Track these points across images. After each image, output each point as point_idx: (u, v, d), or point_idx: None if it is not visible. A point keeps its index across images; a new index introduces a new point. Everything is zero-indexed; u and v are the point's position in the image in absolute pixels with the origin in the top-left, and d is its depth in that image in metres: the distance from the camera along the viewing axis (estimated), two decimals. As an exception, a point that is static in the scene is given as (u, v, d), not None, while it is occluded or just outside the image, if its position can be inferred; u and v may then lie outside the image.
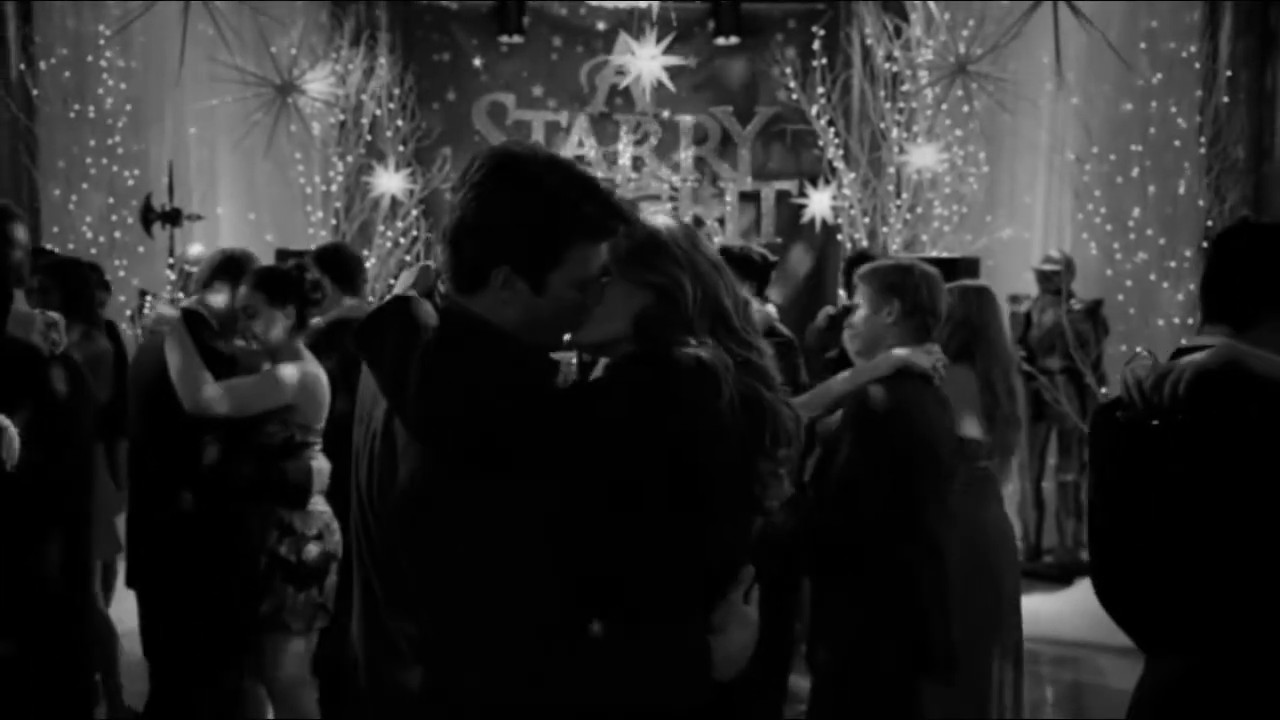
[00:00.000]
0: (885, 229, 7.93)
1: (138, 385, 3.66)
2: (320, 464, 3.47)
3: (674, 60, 8.34)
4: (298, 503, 3.45)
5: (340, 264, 4.36)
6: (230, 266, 3.71)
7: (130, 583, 3.71)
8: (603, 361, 1.84)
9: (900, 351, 2.84)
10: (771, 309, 4.42)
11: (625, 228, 1.70)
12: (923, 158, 7.82)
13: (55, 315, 2.72)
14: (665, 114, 8.86)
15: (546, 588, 1.54)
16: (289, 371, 3.46)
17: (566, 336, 1.78)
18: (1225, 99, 6.43)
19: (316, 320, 3.84)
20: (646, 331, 1.74)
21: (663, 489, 1.65)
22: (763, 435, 1.74)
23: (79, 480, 2.85)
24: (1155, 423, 2.07)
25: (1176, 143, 6.59)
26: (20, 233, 2.74)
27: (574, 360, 1.92)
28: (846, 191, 8.09)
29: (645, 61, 8.10)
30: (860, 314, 2.96)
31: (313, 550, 3.47)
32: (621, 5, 8.38)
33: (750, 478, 1.75)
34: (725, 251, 3.85)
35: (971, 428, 3.62)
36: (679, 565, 1.68)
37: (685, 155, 8.97)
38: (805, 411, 2.52)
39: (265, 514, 3.43)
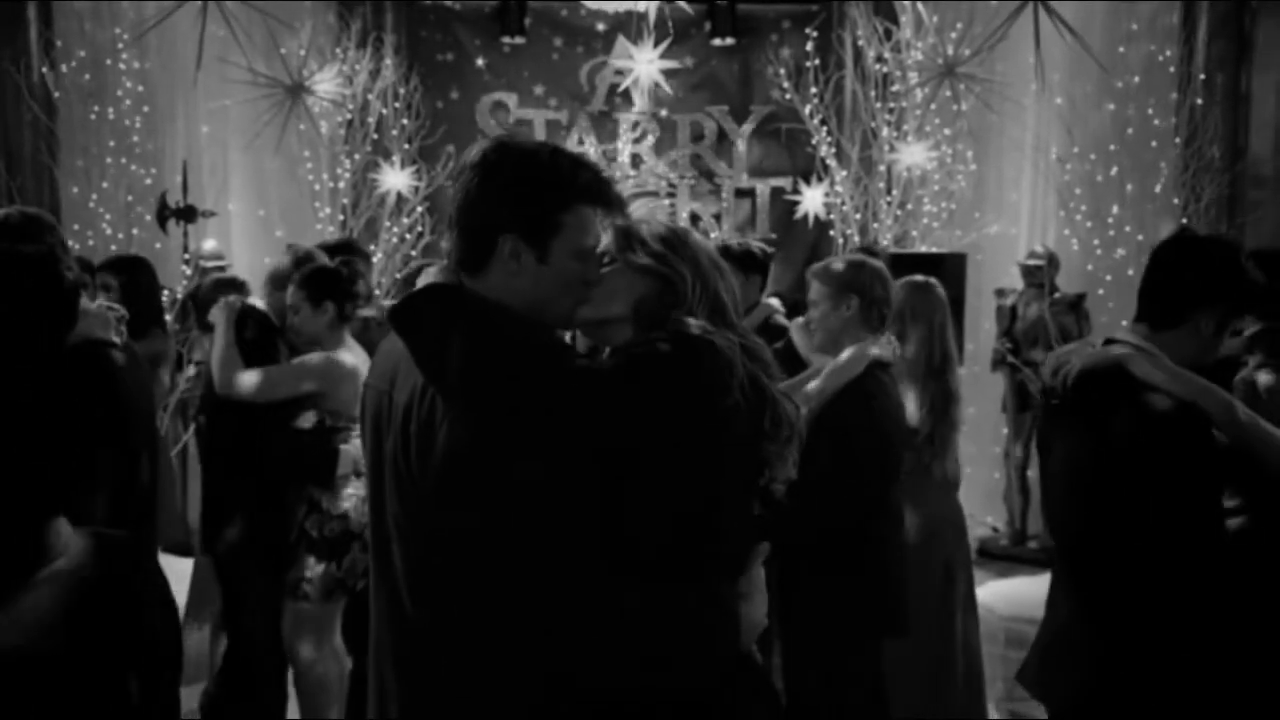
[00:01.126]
0: (876, 225, 8.09)
1: (206, 376, 3.92)
2: (350, 448, 3.66)
3: (670, 64, 8.52)
4: (324, 482, 3.66)
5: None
6: (302, 265, 4.01)
7: (205, 550, 3.98)
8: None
9: (874, 350, 3.06)
10: (775, 301, 4.55)
11: (630, 220, 1.89)
12: (912, 156, 7.97)
13: (120, 309, 2.96)
14: (663, 113, 8.98)
15: (584, 544, 1.62)
16: (314, 360, 3.67)
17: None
18: (1200, 100, 6.63)
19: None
20: (648, 316, 1.84)
21: (689, 457, 1.73)
22: (764, 419, 1.83)
23: (144, 469, 2.99)
24: (1054, 402, 2.45)
25: (1153, 143, 6.78)
26: (65, 246, 2.88)
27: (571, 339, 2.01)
28: (839, 188, 8.24)
29: (643, 66, 8.28)
30: (819, 310, 3.14)
31: (335, 527, 3.67)
32: (620, 7, 8.52)
33: (759, 455, 1.85)
34: (725, 249, 4.03)
35: (910, 417, 3.73)
36: (709, 529, 1.77)
37: (682, 153, 9.11)
38: (804, 406, 2.73)
39: (298, 491, 3.67)
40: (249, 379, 3.66)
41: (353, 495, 3.71)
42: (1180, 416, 2.41)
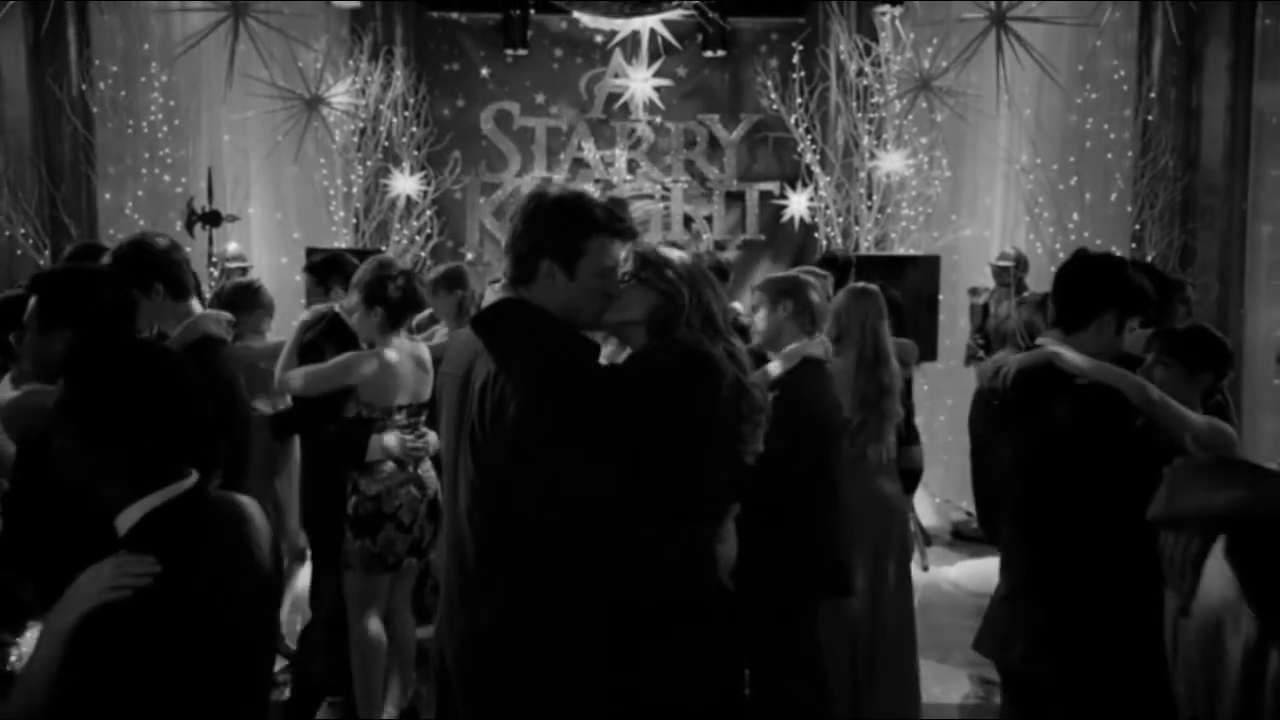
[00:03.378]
0: (857, 228, 8.53)
1: None
2: (385, 439, 4.04)
3: (663, 81, 8.99)
4: (356, 465, 4.08)
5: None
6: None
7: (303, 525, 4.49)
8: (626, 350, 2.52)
9: (812, 350, 3.53)
10: (737, 305, 5.07)
11: (645, 248, 2.46)
12: (891, 163, 8.41)
13: (228, 313, 3.46)
14: (658, 120, 9.39)
15: (606, 490, 2.18)
16: (348, 358, 4.09)
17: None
18: (1150, 116, 7.10)
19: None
20: (657, 324, 2.42)
21: (691, 432, 2.30)
22: (741, 405, 2.41)
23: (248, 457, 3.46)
24: (995, 403, 2.93)
25: (1109, 155, 7.26)
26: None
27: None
28: (823, 193, 8.67)
29: (637, 84, 8.74)
30: (760, 315, 3.61)
31: (368, 507, 4.05)
32: (616, 23, 8.90)
33: (736, 433, 2.42)
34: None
35: (846, 409, 4.12)
36: (696, 485, 2.33)
37: (676, 158, 9.52)
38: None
39: (345, 474, 4.10)
40: (296, 376, 4.14)
41: (386, 480, 4.06)
42: (1107, 397, 2.93)
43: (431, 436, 4.12)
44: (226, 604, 1.85)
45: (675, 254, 2.53)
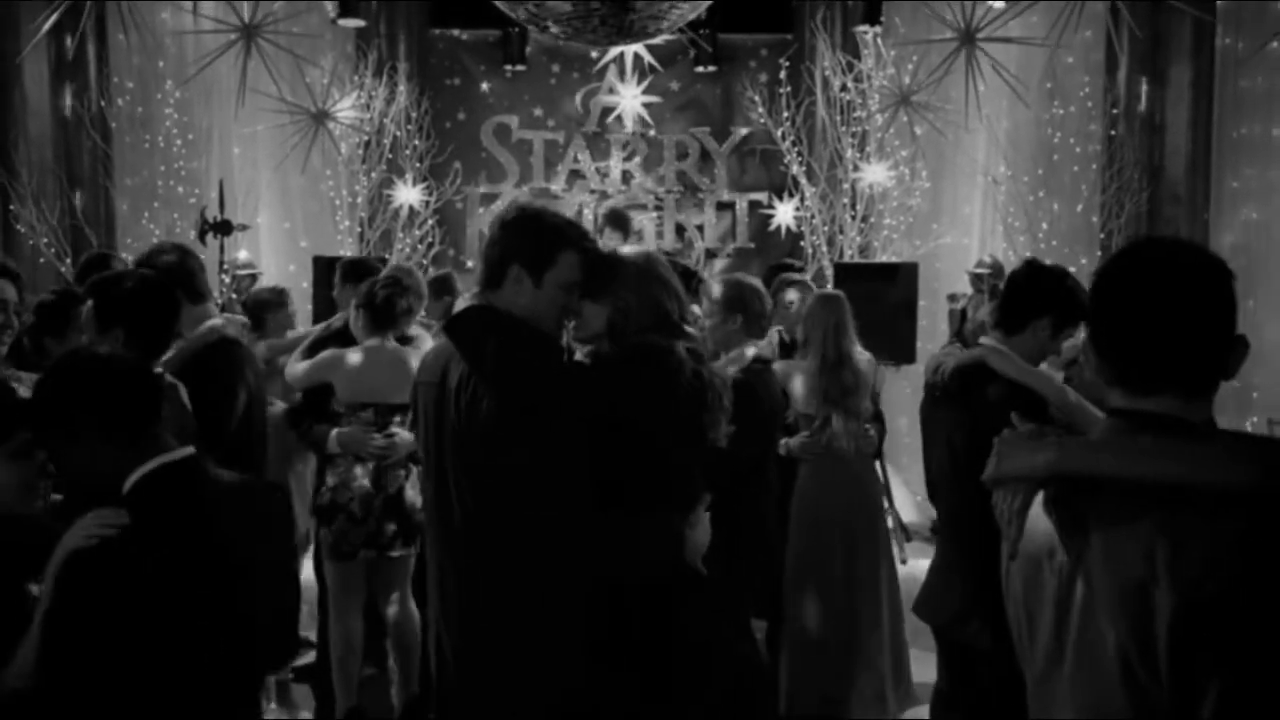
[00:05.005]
0: (842, 236, 8.83)
1: None
2: (335, 433, 4.31)
3: (651, 98, 9.31)
4: (321, 458, 4.46)
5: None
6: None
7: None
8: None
9: (760, 351, 3.82)
10: (695, 308, 5.40)
11: (598, 267, 2.65)
12: (874, 174, 8.69)
13: (244, 318, 3.81)
14: (651, 133, 9.70)
15: (578, 479, 2.37)
16: (325, 357, 4.39)
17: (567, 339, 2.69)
18: (1113, 132, 7.44)
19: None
20: (615, 331, 2.61)
21: (651, 423, 2.46)
22: (705, 396, 2.57)
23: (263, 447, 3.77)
24: (936, 394, 3.26)
25: (1075, 167, 7.59)
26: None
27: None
28: (809, 203, 8.96)
29: (627, 101, 9.06)
30: (709, 322, 3.84)
31: (326, 497, 4.34)
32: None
33: (701, 423, 2.58)
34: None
35: (808, 405, 4.50)
36: (662, 474, 2.50)
37: (669, 170, 9.82)
38: None
39: (322, 465, 4.47)
40: (293, 368, 4.50)
41: (343, 473, 4.31)
42: (1023, 396, 3.25)
43: (403, 437, 4.30)
44: (215, 556, 2.10)
45: (628, 255, 2.72)
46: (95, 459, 2.10)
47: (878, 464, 5.02)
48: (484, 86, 9.82)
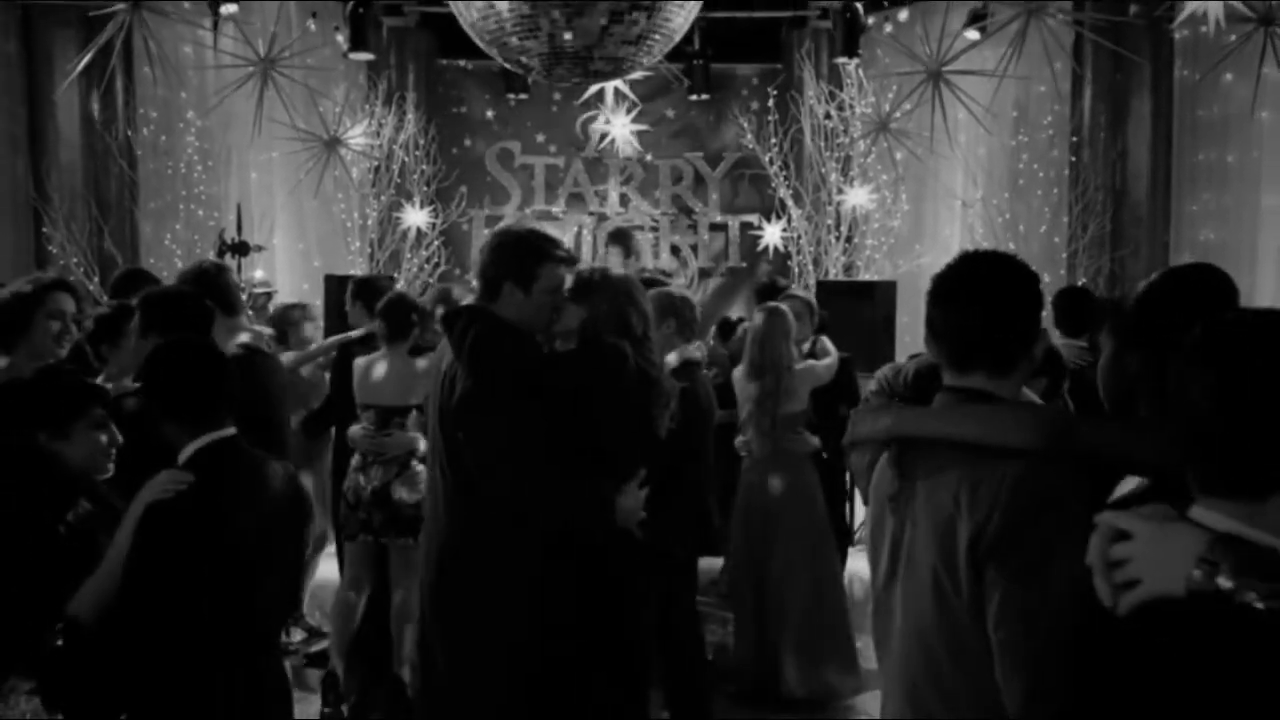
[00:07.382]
0: (827, 256, 9.27)
1: None
2: (351, 429, 4.84)
3: (640, 126, 9.76)
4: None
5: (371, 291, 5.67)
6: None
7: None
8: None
9: (691, 354, 4.18)
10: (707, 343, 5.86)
11: (579, 275, 3.18)
12: (856, 197, 9.15)
13: (269, 330, 4.27)
14: (647, 158, 10.17)
15: (539, 447, 2.86)
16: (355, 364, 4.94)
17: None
18: (1073, 158, 7.86)
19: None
20: (586, 332, 3.13)
21: (601, 406, 2.98)
22: (652, 391, 3.13)
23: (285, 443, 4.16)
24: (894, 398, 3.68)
25: (1039, 191, 8.02)
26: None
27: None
28: (795, 224, 9.41)
29: (618, 129, 9.54)
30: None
31: (344, 485, 4.89)
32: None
33: (646, 415, 3.14)
34: (647, 282, 5.21)
35: (741, 407, 4.98)
36: (601, 447, 2.98)
37: (664, 192, 10.29)
38: None
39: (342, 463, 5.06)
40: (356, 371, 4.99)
41: (352, 466, 4.81)
42: None
43: (398, 436, 4.73)
44: (247, 510, 2.57)
45: (613, 274, 3.23)
46: (162, 431, 2.58)
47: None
48: (488, 114, 10.28)
